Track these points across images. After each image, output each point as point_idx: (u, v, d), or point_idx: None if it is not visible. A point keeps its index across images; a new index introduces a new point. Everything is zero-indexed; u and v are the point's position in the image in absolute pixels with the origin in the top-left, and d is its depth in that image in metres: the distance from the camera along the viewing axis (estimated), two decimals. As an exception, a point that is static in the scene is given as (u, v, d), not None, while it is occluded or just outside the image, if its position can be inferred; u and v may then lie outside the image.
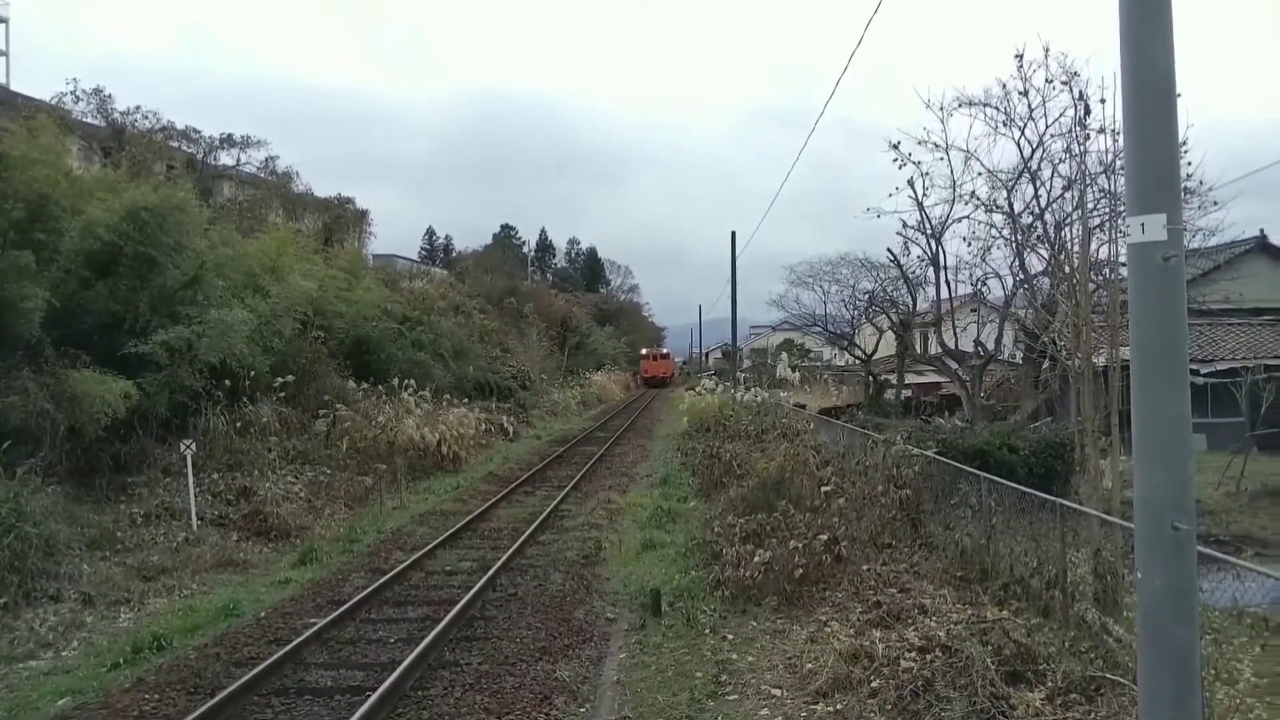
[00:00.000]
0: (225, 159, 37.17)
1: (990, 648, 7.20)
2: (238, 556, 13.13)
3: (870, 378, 35.24)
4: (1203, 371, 25.30)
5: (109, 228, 15.30)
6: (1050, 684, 6.70)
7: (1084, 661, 7.03)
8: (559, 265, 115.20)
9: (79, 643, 9.46)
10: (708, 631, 9.37)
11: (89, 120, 31.09)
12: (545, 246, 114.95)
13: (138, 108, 32.32)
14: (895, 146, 20.76)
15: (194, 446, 14.35)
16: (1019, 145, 19.03)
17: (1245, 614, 6.86)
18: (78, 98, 31.03)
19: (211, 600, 11.05)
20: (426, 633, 9.10)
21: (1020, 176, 19.26)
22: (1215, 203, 16.50)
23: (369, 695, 7.41)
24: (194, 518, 13.82)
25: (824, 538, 10.56)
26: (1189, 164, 14.29)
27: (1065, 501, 8.78)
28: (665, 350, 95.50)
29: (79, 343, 14.49)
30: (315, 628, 9.40)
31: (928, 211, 22.26)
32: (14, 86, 33.33)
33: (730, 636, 9.15)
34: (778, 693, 7.55)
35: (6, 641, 9.11)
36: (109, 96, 31.98)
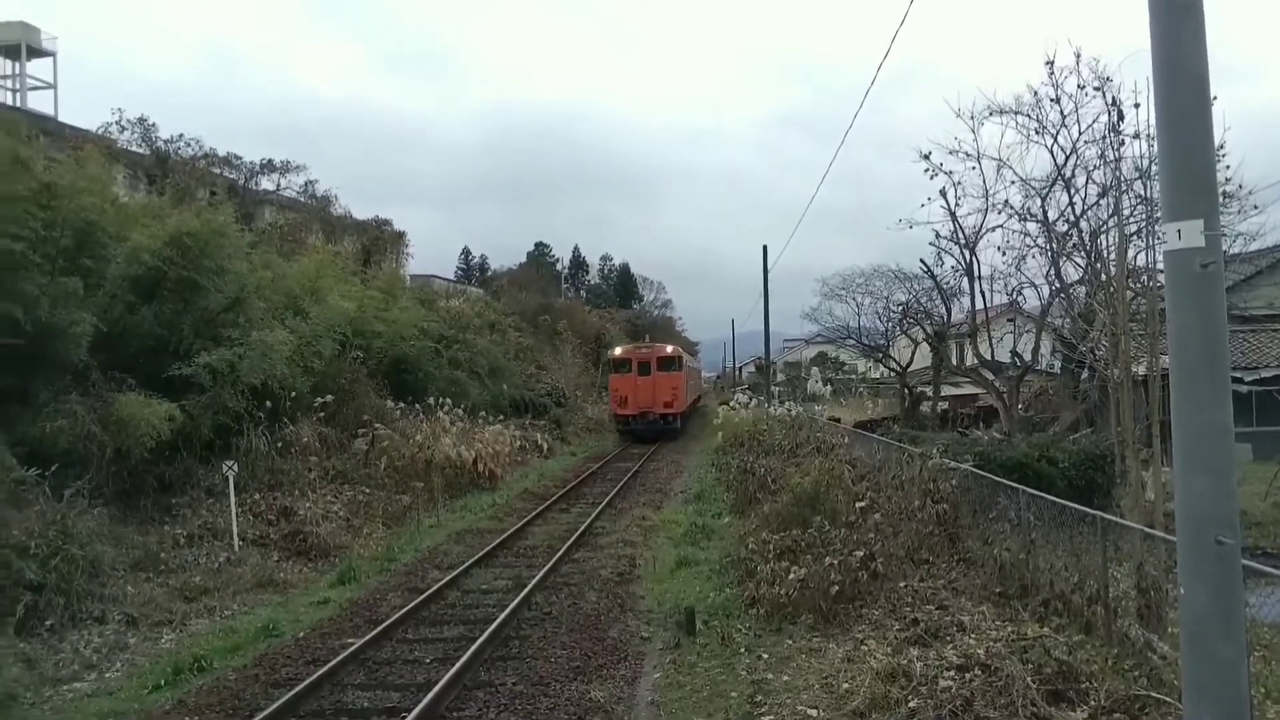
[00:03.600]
0: (266, 184, 37.99)
1: (1031, 666, 7.06)
2: (278, 576, 13.27)
3: (905, 390, 34.89)
4: (1246, 380, 24.71)
5: (153, 253, 15.66)
6: (1093, 703, 6.55)
7: (1128, 680, 6.87)
8: (592, 282, 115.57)
9: (122, 664, 9.60)
10: (743, 650, 9.29)
11: (134, 149, 31.92)
12: (579, 264, 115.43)
13: (180, 135, 33.18)
14: (926, 157, 20.57)
15: (236, 467, 14.55)
16: (1052, 153, 18.75)
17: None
18: (123, 127, 31.94)
19: (251, 621, 11.17)
20: (462, 652, 9.12)
21: (1054, 184, 18.97)
22: (1256, 207, 16.13)
23: (405, 717, 7.44)
24: (235, 538, 14.00)
25: (860, 554, 10.43)
26: (1227, 168, 13.99)
27: (1106, 515, 8.60)
28: (671, 349, 42.15)
29: (125, 366, 14.82)
30: (352, 648, 9.47)
31: (960, 221, 21.99)
32: (62, 118, 34.29)
33: (765, 655, 9.06)
34: (814, 713, 7.45)
35: (52, 664, 9.27)
36: (153, 125, 32.87)
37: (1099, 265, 12.90)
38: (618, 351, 41.58)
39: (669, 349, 41.11)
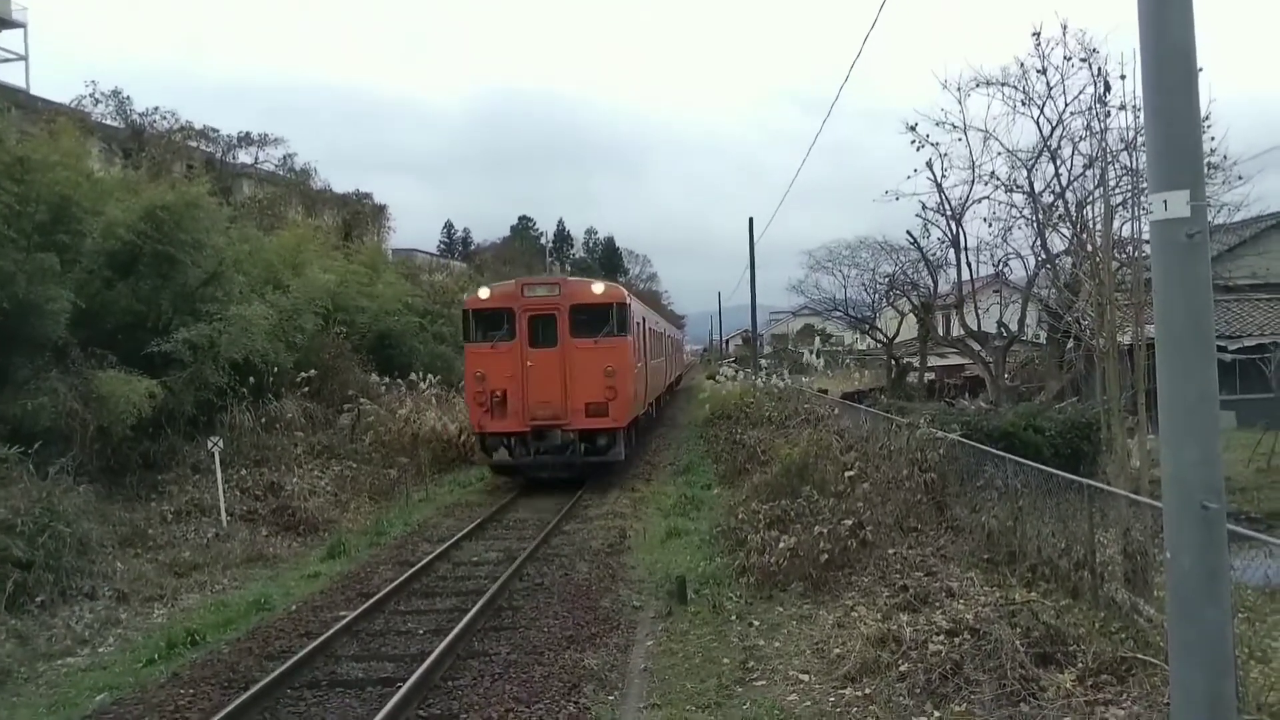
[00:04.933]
0: (244, 157, 37.51)
1: (1019, 630, 7.17)
2: (267, 551, 13.28)
3: (892, 361, 35.10)
4: (1230, 348, 25.00)
5: (128, 227, 15.49)
6: (1081, 665, 6.67)
7: (1114, 643, 6.99)
8: (577, 256, 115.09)
9: (115, 639, 9.61)
10: (734, 618, 9.39)
11: (108, 122, 31.41)
12: (563, 237, 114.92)
13: (156, 108, 32.63)
14: (913, 128, 20.59)
15: (221, 443, 14.51)
16: (1038, 124, 18.82)
17: (1278, 592, 6.80)
18: (97, 100, 31.37)
19: (243, 595, 11.19)
20: (455, 624, 9.17)
21: (1040, 155, 19.06)
22: (1240, 177, 16.22)
23: (400, 686, 7.48)
24: (223, 514, 13.98)
25: (849, 522, 10.53)
26: (1212, 139, 14.01)
27: (1092, 482, 8.72)
28: (604, 290, 19.10)
29: (104, 343, 14.69)
30: (345, 620, 9.50)
31: (947, 193, 22.08)
32: (34, 90, 33.68)
33: (757, 623, 9.16)
34: (806, 678, 7.56)
35: (45, 639, 9.26)
36: (128, 98, 32.29)
37: (1085, 236, 12.97)
38: (485, 295, 18.87)
39: (598, 289, 19.08)
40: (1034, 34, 17.61)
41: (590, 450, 18.00)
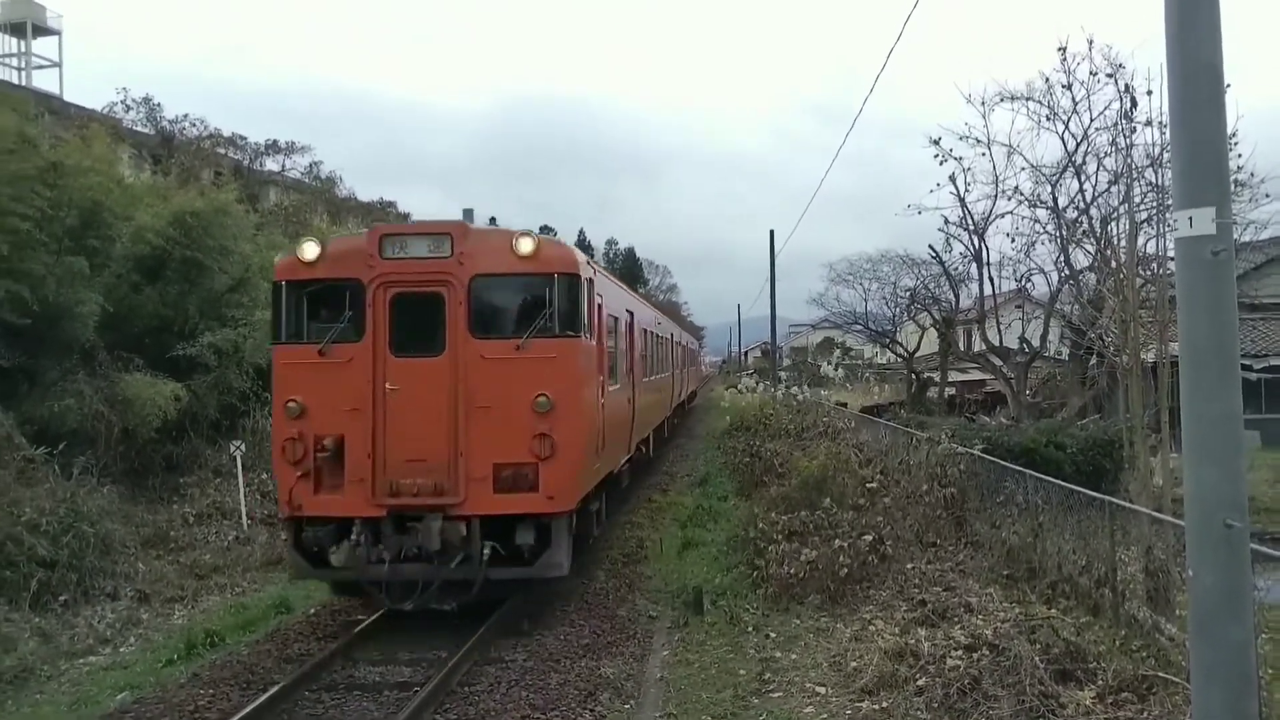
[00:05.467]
0: (270, 165, 37.89)
1: (1039, 646, 7.12)
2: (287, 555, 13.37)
3: (913, 375, 34.90)
4: (1255, 367, 24.72)
5: (157, 233, 15.71)
6: (1101, 683, 6.61)
7: (1135, 661, 6.93)
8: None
9: (135, 639, 9.71)
10: (750, 629, 9.37)
11: (139, 129, 31.86)
12: (584, 247, 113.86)
13: (185, 115, 33.08)
14: (936, 142, 20.56)
15: (243, 448, 14.65)
16: (1063, 139, 18.76)
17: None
18: (128, 107, 31.86)
19: (262, 598, 11.27)
20: (474, 630, 9.19)
21: (1064, 171, 18.98)
22: (1268, 195, 16.12)
23: (417, 691, 7.52)
24: (244, 517, 14.10)
25: (869, 537, 10.50)
26: (1239, 156, 13.97)
27: (1114, 499, 8.66)
28: (529, 243, 9.39)
29: (131, 346, 14.90)
30: (364, 624, 9.55)
31: (970, 207, 22.01)
32: (67, 97, 34.27)
33: (773, 634, 9.14)
34: (822, 690, 7.54)
35: (67, 638, 9.38)
36: (158, 105, 32.79)
37: (1109, 252, 12.92)
38: (310, 255, 9.65)
39: (525, 246, 9.49)
40: (1060, 49, 17.58)
41: (501, 556, 9.20)
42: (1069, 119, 18.45)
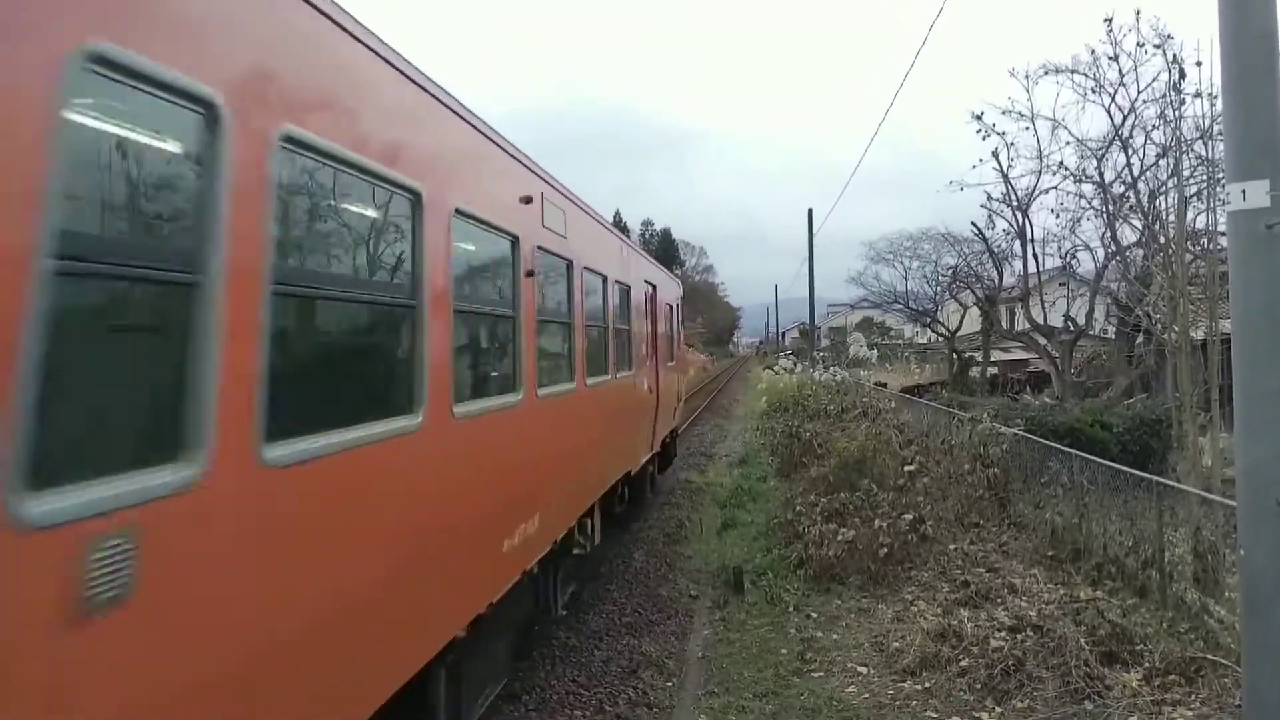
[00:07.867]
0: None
1: (1084, 628, 7.08)
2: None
3: (954, 355, 34.53)
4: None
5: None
6: (1148, 664, 6.56)
7: (1183, 643, 6.86)
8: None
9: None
10: (791, 609, 9.39)
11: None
12: (620, 229, 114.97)
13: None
14: (978, 117, 20.34)
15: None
16: (1109, 112, 18.41)
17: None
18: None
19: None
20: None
21: (1111, 145, 18.63)
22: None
23: (463, 667, 7.64)
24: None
25: (909, 517, 10.45)
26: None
27: (1162, 479, 8.54)
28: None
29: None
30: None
31: (1013, 183, 21.70)
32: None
33: (814, 615, 9.15)
34: (864, 670, 7.55)
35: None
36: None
37: (1157, 227, 12.68)
38: None
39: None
40: (1106, 19, 17.23)
41: None
42: (1115, 91, 18.09)
